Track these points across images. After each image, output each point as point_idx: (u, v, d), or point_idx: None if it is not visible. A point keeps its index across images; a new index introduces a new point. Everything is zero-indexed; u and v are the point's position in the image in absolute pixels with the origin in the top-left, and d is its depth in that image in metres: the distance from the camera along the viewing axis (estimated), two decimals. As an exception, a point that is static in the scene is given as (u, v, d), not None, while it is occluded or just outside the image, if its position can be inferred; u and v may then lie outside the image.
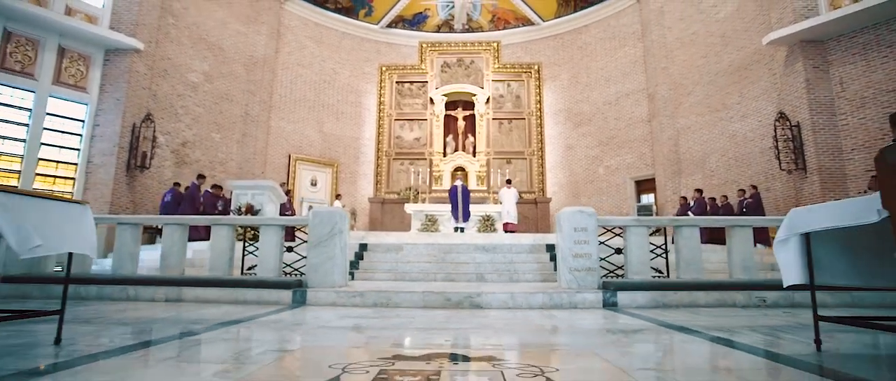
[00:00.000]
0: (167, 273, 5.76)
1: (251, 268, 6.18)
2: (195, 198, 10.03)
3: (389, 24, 17.30)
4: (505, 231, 12.30)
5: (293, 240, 7.71)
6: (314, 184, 15.52)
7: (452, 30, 17.64)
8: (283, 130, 15.14)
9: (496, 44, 17.26)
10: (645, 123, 14.63)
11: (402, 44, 17.54)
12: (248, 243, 6.50)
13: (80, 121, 10.53)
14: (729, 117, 12.28)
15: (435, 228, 12.49)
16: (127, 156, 10.70)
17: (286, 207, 11.03)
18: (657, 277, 5.75)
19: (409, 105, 17.08)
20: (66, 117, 10.35)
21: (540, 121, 16.54)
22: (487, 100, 16.71)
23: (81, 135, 10.50)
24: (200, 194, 10.13)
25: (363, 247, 8.24)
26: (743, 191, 10.69)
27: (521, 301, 4.92)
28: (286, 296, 5.17)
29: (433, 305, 4.90)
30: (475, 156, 16.20)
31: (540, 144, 16.40)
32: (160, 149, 11.63)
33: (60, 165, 10.25)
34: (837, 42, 10.15)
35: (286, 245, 6.14)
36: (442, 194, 14.78)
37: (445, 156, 16.26)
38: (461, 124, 16.61)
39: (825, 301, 5.02)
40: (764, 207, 10.36)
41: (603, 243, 5.77)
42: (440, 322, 3.73)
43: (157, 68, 11.81)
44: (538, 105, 16.61)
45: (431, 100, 16.82)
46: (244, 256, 6.27)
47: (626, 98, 15.17)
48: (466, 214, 12.15)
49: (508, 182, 13.47)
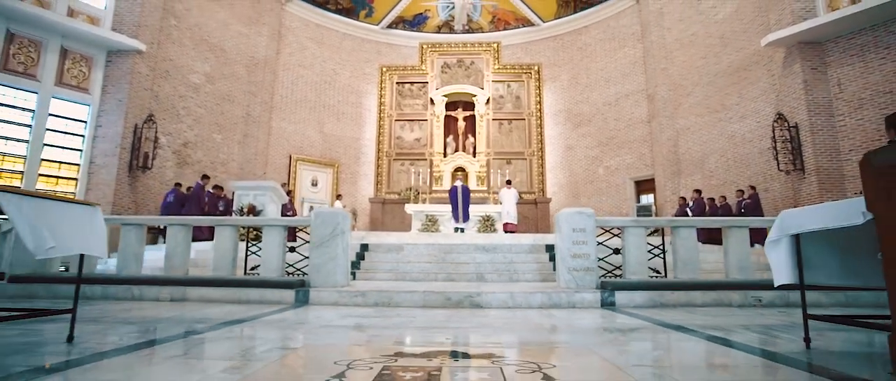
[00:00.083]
0: (172, 273, 5.83)
1: (254, 268, 6.25)
2: (200, 198, 10.10)
3: (390, 25, 17.37)
4: (505, 231, 12.36)
5: (295, 240, 7.77)
6: (315, 184, 15.59)
7: (453, 31, 17.71)
8: (284, 130, 15.21)
9: (496, 45, 17.33)
10: (644, 123, 14.69)
11: (402, 44, 17.61)
12: (250, 244, 6.56)
13: (82, 122, 10.60)
14: (728, 118, 12.34)
15: (435, 228, 12.56)
16: (129, 156, 10.77)
17: (287, 207, 11.10)
18: (655, 277, 5.82)
19: (409, 106, 17.15)
20: (68, 118, 10.42)
21: (540, 121, 16.60)
22: (487, 100, 16.78)
23: (84, 136, 10.57)
24: (205, 194, 10.20)
25: (364, 247, 8.30)
26: (741, 192, 10.76)
27: (520, 301, 4.99)
28: (289, 296, 5.25)
29: (434, 304, 4.98)
30: (475, 156, 16.26)
31: (540, 144, 16.47)
32: (162, 150, 11.70)
33: (63, 165, 10.32)
34: (835, 43, 10.21)
35: (288, 245, 6.21)
36: (442, 195, 14.84)
37: (446, 156, 16.33)
38: (461, 125, 16.68)
39: (820, 301, 5.09)
40: (762, 207, 10.42)
41: (601, 244, 5.84)
42: (441, 321, 3.80)
43: (158, 69, 11.88)
44: (538, 106, 16.68)
45: (432, 100, 16.89)
46: (247, 256, 6.34)
47: (625, 99, 15.24)
48: (466, 214, 12.22)
49: (508, 183, 13.55)
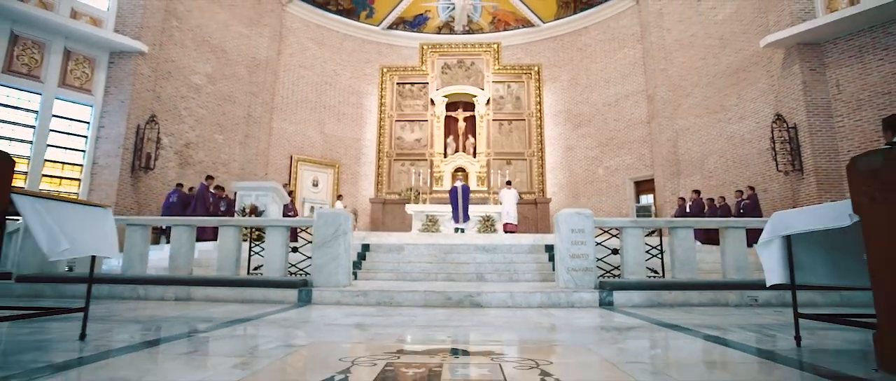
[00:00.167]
0: (176, 273, 5.91)
1: (257, 268, 6.32)
2: (205, 198, 10.17)
3: (390, 26, 17.44)
4: (505, 232, 12.43)
5: (296, 240, 7.84)
6: (316, 184, 15.67)
7: (453, 31, 17.77)
8: (285, 131, 15.29)
9: (496, 45, 17.40)
10: (644, 124, 14.76)
11: (402, 45, 17.68)
12: (253, 244, 6.63)
13: (85, 123, 10.68)
14: (727, 119, 12.40)
15: (436, 228, 12.63)
16: (131, 157, 10.85)
17: (289, 208, 11.17)
18: (652, 277, 5.89)
19: (409, 106, 17.22)
20: (71, 119, 10.50)
21: (540, 122, 16.67)
22: (488, 101, 16.85)
23: (86, 136, 10.64)
24: (209, 195, 10.27)
25: (365, 247, 8.37)
26: (740, 192, 10.82)
27: (519, 300, 5.07)
28: (292, 295, 5.32)
29: (434, 304, 5.05)
30: (475, 157, 16.33)
31: (540, 145, 16.54)
32: (164, 150, 11.78)
33: (66, 166, 10.40)
34: (834, 45, 10.27)
35: (291, 246, 6.28)
36: (442, 195, 14.92)
37: (446, 157, 16.40)
38: (462, 125, 16.75)
39: (816, 301, 5.16)
40: (761, 208, 10.48)
41: (600, 244, 5.91)
42: (441, 320, 3.88)
43: (160, 70, 11.96)
44: (538, 106, 16.75)
45: (432, 101, 16.96)
46: (250, 256, 6.41)
47: (625, 99, 15.30)
48: (467, 214, 12.29)
49: (508, 183, 13.62)
